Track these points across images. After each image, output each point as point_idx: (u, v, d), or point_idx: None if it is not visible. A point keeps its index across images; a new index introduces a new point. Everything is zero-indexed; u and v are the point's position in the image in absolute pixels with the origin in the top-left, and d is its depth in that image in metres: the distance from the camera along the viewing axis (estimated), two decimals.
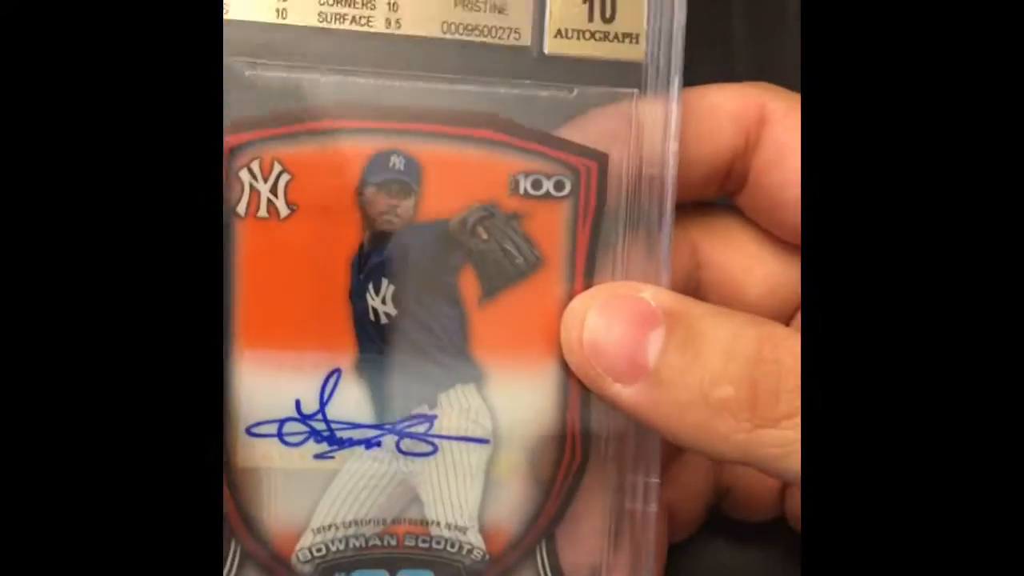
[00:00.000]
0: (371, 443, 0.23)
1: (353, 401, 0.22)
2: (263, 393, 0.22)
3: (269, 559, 0.23)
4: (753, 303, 0.26)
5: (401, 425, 0.23)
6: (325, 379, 0.22)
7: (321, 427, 0.22)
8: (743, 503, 0.28)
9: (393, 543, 0.23)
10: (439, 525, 0.23)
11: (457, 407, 0.23)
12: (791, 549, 0.29)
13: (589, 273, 0.23)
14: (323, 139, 0.22)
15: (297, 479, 0.23)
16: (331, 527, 0.23)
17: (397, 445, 0.23)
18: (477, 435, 0.23)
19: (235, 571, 0.23)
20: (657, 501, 0.23)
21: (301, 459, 0.22)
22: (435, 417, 0.23)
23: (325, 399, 0.22)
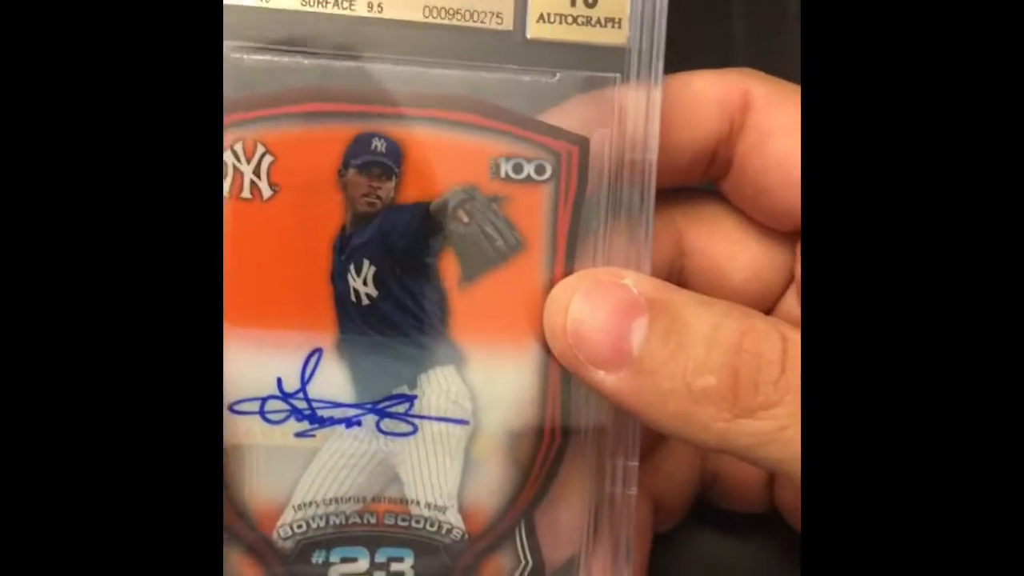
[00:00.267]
0: (351, 422, 0.23)
1: (334, 380, 0.23)
2: (246, 371, 0.23)
3: (251, 535, 0.23)
4: (737, 289, 0.26)
5: (381, 405, 0.23)
6: (307, 358, 0.23)
7: (302, 405, 0.23)
8: (730, 492, 0.28)
9: (373, 521, 0.23)
10: (419, 504, 0.23)
11: (437, 388, 0.23)
12: (780, 541, 0.29)
13: (570, 257, 0.23)
14: (306, 121, 0.22)
15: (279, 456, 0.23)
16: (312, 504, 0.23)
17: (377, 425, 0.23)
18: (457, 416, 0.23)
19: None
20: (636, 484, 0.24)
21: (283, 437, 0.23)
22: (415, 397, 0.23)
23: (306, 378, 0.23)
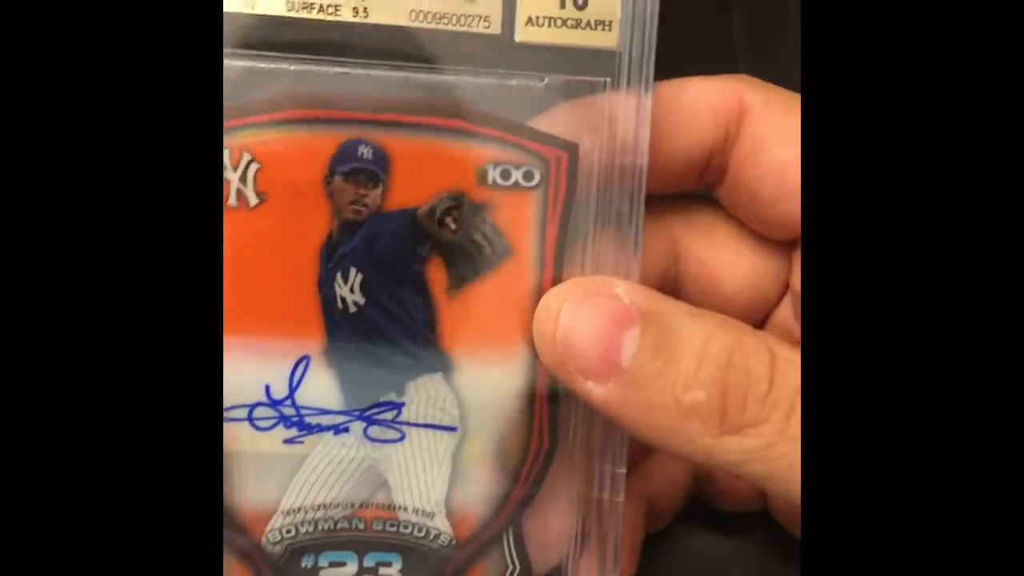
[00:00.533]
0: (339, 429, 0.23)
1: (322, 388, 0.23)
2: (234, 378, 0.23)
3: (240, 540, 0.23)
4: (731, 297, 0.26)
5: (369, 412, 0.23)
6: (294, 366, 0.23)
7: (291, 412, 0.23)
8: (724, 492, 0.28)
9: (361, 526, 0.24)
10: (406, 510, 0.23)
11: (425, 395, 0.23)
12: (774, 539, 0.29)
13: (558, 264, 0.23)
14: (291, 128, 0.22)
15: (267, 463, 0.23)
16: (300, 509, 0.23)
17: (365, 431, 0.23)
18: (444, 423, 0.23)
19: None
20: (623, 491, 0.24)
21: (271, 443, 0.23)
22: (403, 405, 0.23)
23: (294, 385, 0.23)
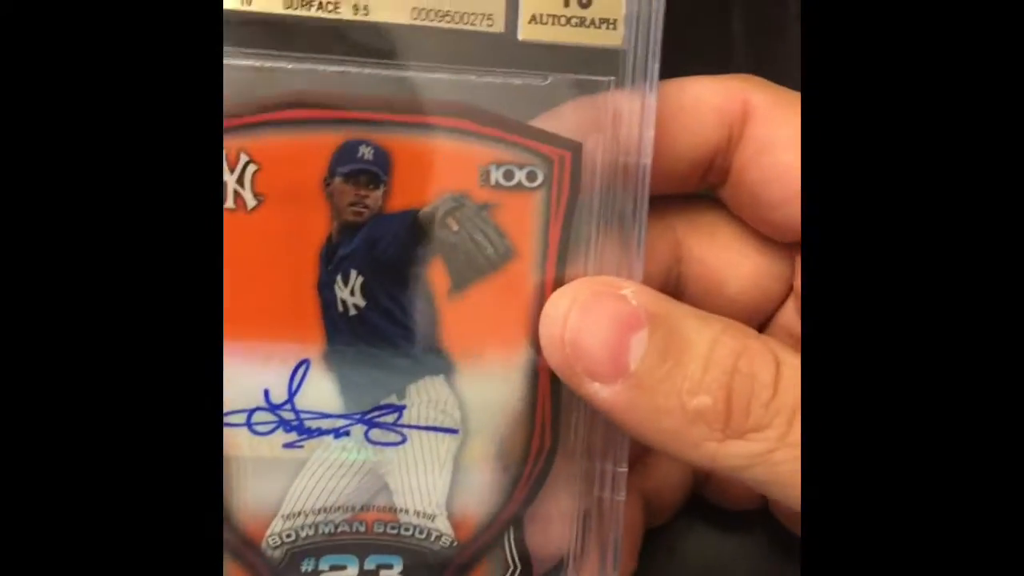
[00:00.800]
0: (339, 432, 0.23)
1: (322, 391, 0.23)
2: (233, 383, 0.22)
3: (240, 544, 0.23)
4: (734, 298, 0.26)
5: (370, 415, 0.23)
6: (294, 369, 0.22)
7: (290, 417, 0.23)
8: (724, 490, 0.28)
9: (362, 529, 0.23)
10: (407, 513, 0.23)
11: (426, 398, 0.23)
12: (774, 537, 0.29)
13: (561, 265, 0.23)
14: (290, 129, 0.22)
15: (266, 467, 0.23)
16: (300, 514, 0.23)
17: (365, 434, 0.23)
18: (446, 425, 0.23)
19: None
20: (625, 490, 0.24)
21: (270, 448, 0.23)
22: (404, 407, 0.23)
23: (294, 389, 0.22)
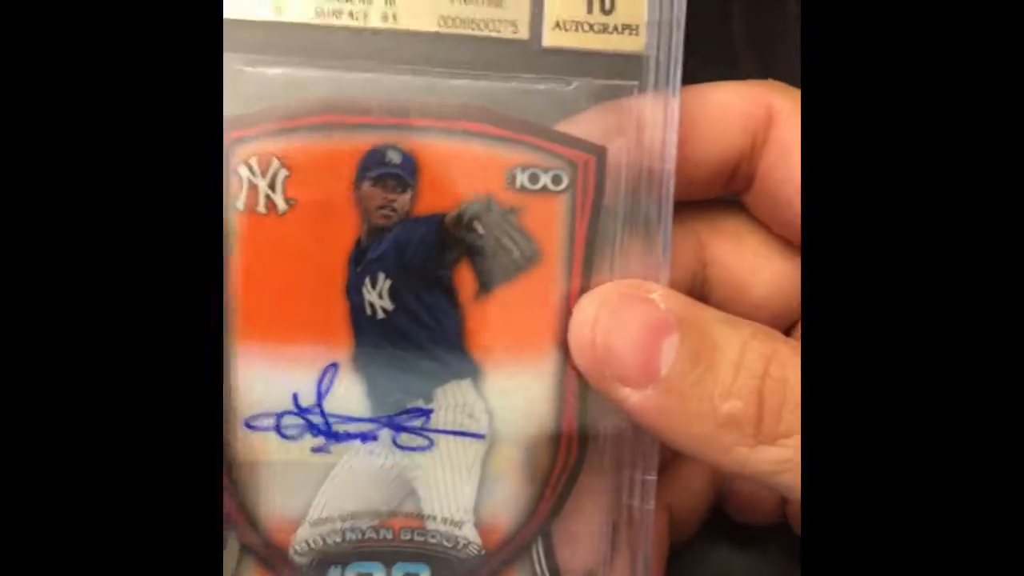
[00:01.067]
0: (367, 437, 0.23)
1: (350, 395, 0.23)
2: (261, 386, 0.22)
3: (267, 551, 0.23)
4: (759, 303, 0.25)
5: (397, 419, 0.23)
6: (322, 373, 0.22)
7: (318, 421, 0.23)
8: (744, 505, 0.28)
9: (389, 536, 0.23)
10: (435, 519, 0.23)
11: (453, 402, 0.23)
12: (794, 553, 0.28)
13: (587, 268, 0.23)
14: (320, 134, 0.22)
15: (295, 472, 0.23)
16: (328, 520, 0.23)
17: (393, 439, 0.23)
18: (473, 430, 0.23)
19: (235, 563, 0.23)
20: (654, 498, 0.23)
21: (299, 452, 0.23)
22: (431, 411, 0.23)
23: (322, 393, 0.23)
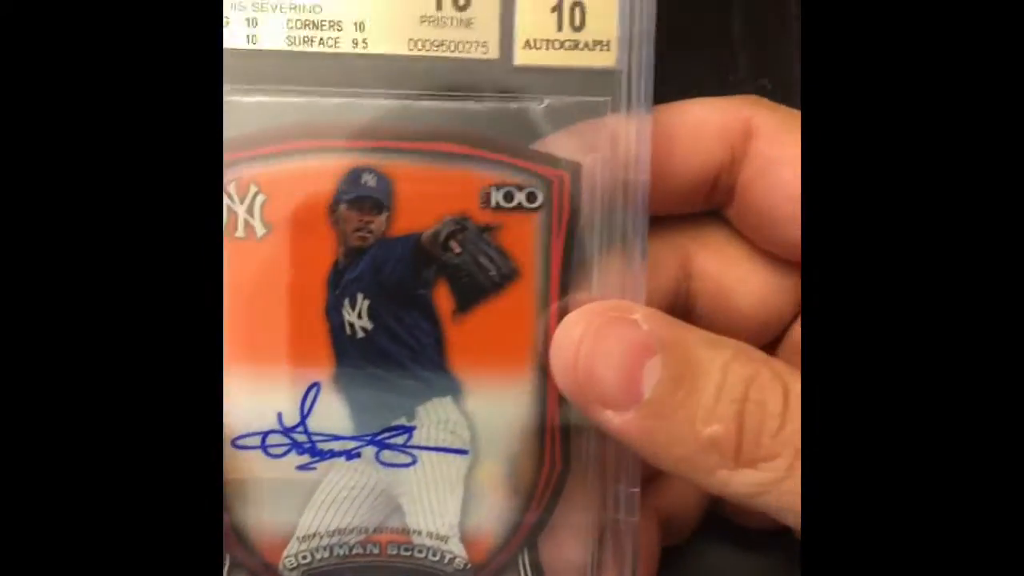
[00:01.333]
0: (351, 454, 0.23)
1: (333, 414, 0.23)
2: (247, 407, 0.23)
3: (258, 567, 0.23)
4: (744, 314, 0.25)
5: (380, 437, 0.23)
6: (305, 393, 0.23)
7: (303, 439, 0.23)
8: (739, 509, 0.28)
9: (376, 551, 0.24)
10: (421, 534, 0.24)
11: (435, 419, 0.23)
12: (793, 556, 0.28)
13: (564, 285, 0.23)
14: (296, 159, 0.23)
15: (281, 489, 0.23)
16: (315, 536, 0.23)
17: (376, 456, 0.23)
18: (456, 446, 0.23)
19: None
20: (638, 511, 0.23)
21: (284, 470, 0.23)
22: (413, 428, 0.23)
23: (306, 412, 0.23)
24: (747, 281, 0.25)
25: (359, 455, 0.23)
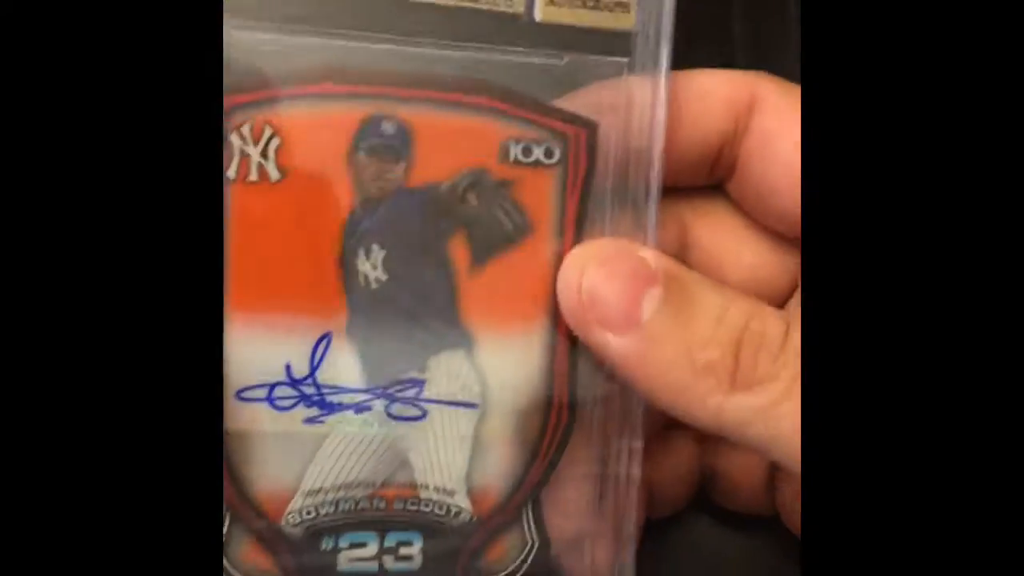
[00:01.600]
0: (361, 407, 0.23)
1: (344, 365, 0.23)
2: (253, 357, 0.22)
3: (259, 522, 0.23)
4: (738, 287, 0.26)
5: (391, 390, 0.23)
6: (316, 343, 0.22)
7: (311, 391, 0.23)
8: (729, 490, 0.29)
9: (382, 506, 0.23)
10: (428, 488, 0.23)
11: (446, 372, 0.23)
12: (783, 541, 0.29)
13: (578, 241, 0.23)
14: (314, 103, 0.22)
15: (287, 443, 0.23)
16: (321, 490, 0.23)
17: (387, 409, 0.23)
18: (466, 400, 0.23)
19: (225, 534, 0.23)
20: (640, 465, 0.24)
21: (291, 423, 0.23)
22: (424, 382, 0.23)
23: (316, 363, 0.22)
24: (743, 255, 0.26)
25: (369, 408, 0.23)
